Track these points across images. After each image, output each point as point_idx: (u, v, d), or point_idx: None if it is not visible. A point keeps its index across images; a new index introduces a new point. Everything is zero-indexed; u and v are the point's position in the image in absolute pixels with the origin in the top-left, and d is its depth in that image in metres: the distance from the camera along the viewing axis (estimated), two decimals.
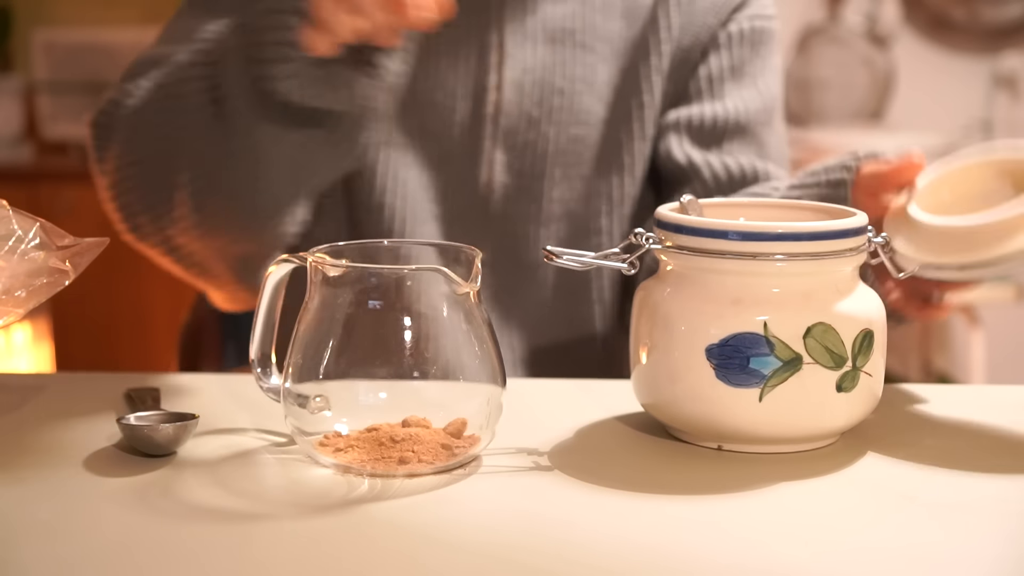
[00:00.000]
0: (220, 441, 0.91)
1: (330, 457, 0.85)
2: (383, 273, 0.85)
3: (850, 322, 0.88)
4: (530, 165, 1.24)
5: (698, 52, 1.27)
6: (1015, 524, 0.80)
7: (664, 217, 0.91)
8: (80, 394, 1.02)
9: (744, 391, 0.86)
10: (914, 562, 0.74)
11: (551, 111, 1.24)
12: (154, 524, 0.78)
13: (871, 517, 0.80)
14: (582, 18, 1.26)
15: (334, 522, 0.78)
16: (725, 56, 1.27)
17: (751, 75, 1.28)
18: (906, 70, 3.01)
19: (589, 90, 1.25)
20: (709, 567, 0.73)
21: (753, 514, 0.81)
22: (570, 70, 1.25)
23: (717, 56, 1.27)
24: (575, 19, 1.26)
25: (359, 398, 0.86)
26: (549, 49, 1.25)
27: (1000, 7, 3.04)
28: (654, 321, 0.90)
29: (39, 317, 2.66)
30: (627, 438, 0.94)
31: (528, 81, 1.23)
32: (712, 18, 1.28)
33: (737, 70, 1.28)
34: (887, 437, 0.94)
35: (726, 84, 1.27)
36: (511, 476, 0.85)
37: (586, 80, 1.25)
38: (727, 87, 1.27)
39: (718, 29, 1.28)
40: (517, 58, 1.24)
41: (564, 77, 1.25)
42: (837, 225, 0.89)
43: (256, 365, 0.90)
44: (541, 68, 1.24)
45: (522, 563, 0.73)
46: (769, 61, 1.31)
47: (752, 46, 1.29)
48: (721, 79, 1.27)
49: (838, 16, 2.99)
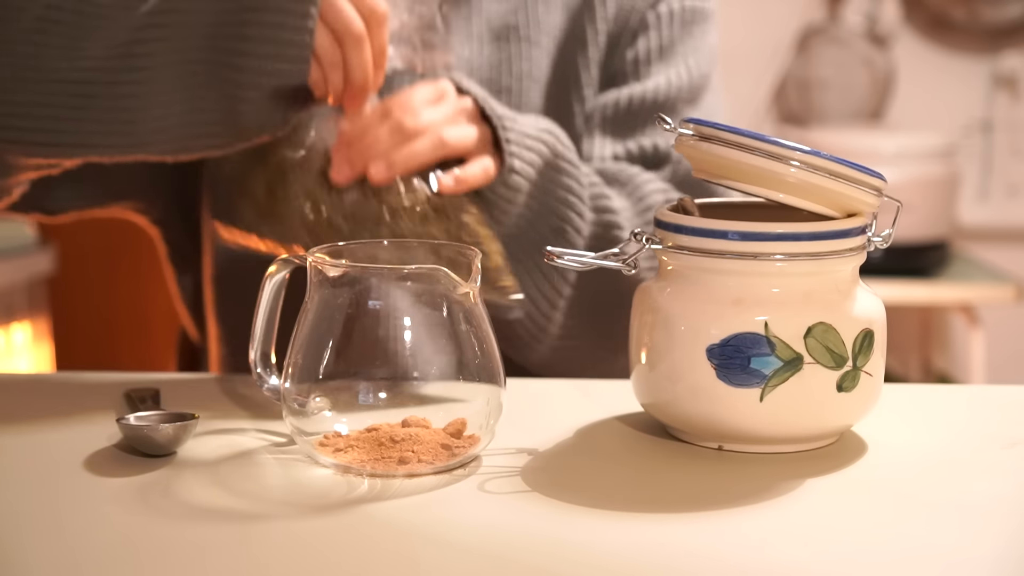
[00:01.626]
0: (220, 441, 0.91)
1: (330, 457, 0.85)
2: (383, 273, 0.85)
3: (850, 322, 0.88)
4: None
5: (629, 36, 1.26)
6: (1015, 524, 0.80)
7: (664, 217, 0.91)
8: (80, 394, 1.02)
9: (745, 391, 0.86)
10: (914, 562, 0.74)
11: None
12: (154, 524, 0.78)
13: (871, 517, 0.80)
14: (524, 12, 1.25)
15: (334, 522, 0.78)
16: (653, 37, 1.25)
17: (681, 54, 1.26)
18: (906, 70, 3.01)
19: (535, 86, 1.24)
20: (709, 567, 0.73)
21: (753, 514, 0.80)
22: (516, 67, 1.23)
23: (645, 37, 1.26)
24: (518, 14, 1.25)
25: (359, 398, 0.86)
26: (494, 47, 1.24)
27: (1000, 7, 3.04)
28: (654, 321, 0.90)
29: (39, 317, 2.66)
30: (627, 438, 0.94)
31: (475, 81, 1.21)
32: (641, 1, 1.26)
33: (666, 50, 1.26)
34: (887, 437, 0.94)
35: (652, 65, 1.25)
36: (511, 476, 0.85)
37: (531, 76, 1.24)
38: (653, 68, 1.25)
39: (647, 10, 1.26)
40: (463, 59, 1.23)
41: (511, 75, 1.23)
42: (837, 225, 0.89)
43: (256, 365, 0.90)
44: (488, 67, 1.23)
45: (522, 563, 0.73)
46: (703, 40, 1.28)
47: (683, 25, 1.26)
48: (648, 60, 1.25)
49: (838, 16, 2.99)
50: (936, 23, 3.06)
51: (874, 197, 0.90)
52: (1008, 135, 3.08)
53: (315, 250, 0.88)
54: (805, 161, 0.87)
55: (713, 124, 0.90)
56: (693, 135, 0.90)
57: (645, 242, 0.90)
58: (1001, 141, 3.08)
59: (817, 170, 0.87)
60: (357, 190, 1.04)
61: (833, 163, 0.88)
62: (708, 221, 0.89)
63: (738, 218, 0.88)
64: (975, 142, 3.07)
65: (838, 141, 2.66)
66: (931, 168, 2.65)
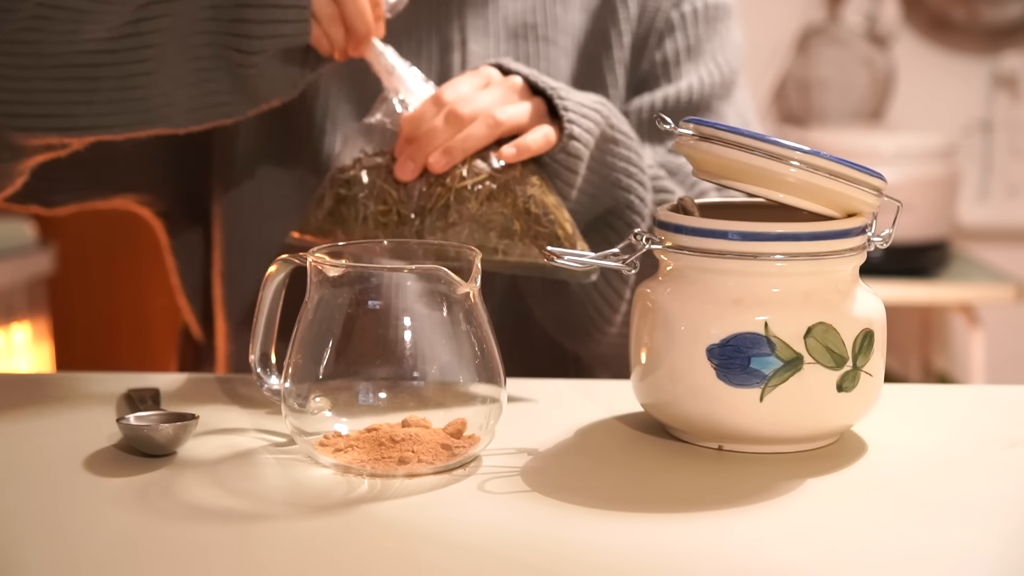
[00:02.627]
0: (220, 441, 0.91)
1: (330, 457, 0.85)
2: (383, 273, 0.85)
3: (850, 322, 0.88)
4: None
5: (655, 38, 1.26)
6: (1015, 524, 0.80)
7: (664, 217, 0.91)
8: (80, 394, 1.02)
9: (745, 391, 0.86)
10: (914, 562, 0.74)
11: None
12: (154, 524, 0.78)
13: (871, 517, 0.80)
14: (543, 11, 1.25)
15: (334, 522, 0.78)
16: (680, 37, 1.26)
17: (709, 52, 1.27)
18: (906, 70, 3.01)
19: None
20: (709, 567, 0.73)
21: (753, 514, 0.80)
22: (533, 65, 1.23)
23: (672, 39, 1.26)
24: (536, 12, 1.25)
25: (359, 398, 0.86)
26: (511, 44, 1.24)
27: (1000, 7, 3.04)
28: (654, 321, 0.90)
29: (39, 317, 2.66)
30: (627, 438, 0.94)
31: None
32: (665, 1, 1.27)
33: (694, 49, 1.26)
34: (887, 437, 0.94)
35: (682, 66, 1.26)
36: (511, 476, 0.85)
37: (549, 74, 1.23)
38: (683, 68, 1.26)
39: (671, 11, 1.26)
40: (479, 56, 1.23)
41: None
42: (837, 225, 0.89)
43: (256, 365, 0.90)
44: None
45: (522, 563, 0.73)
46: (728, 36, 1.29)
47: (707, 22, 1.27)
48: (677, 61, 1.26)
49: (838, 16, 2.99)
50: (936, 23, 3.06)
51: (874, 197, 0.90)
52: (1008, 135, 3.08)
53: (315, 250, 0.88)
54: (805, 161, 0.87)
55: (713, 124, 0.90)
56: (693, 135, 0.90)
57: (645, 242, 0.90)
58: (1001, 141, 3.08)
59: (817, 170, 0.88)
60: (422, 181, 1.06)
61: (833, 163, 0.88)
62: (708, 221, 0.89)
63: (738, 218, 0.88)
64: (975, 142, 3.07)
65: (838, 141, 2.66)
66: (931, 168, 2.65)
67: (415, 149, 1.06)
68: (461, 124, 1.06)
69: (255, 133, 1.22)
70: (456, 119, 1.05)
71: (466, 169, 1.05)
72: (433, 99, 1.07)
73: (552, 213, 1.05)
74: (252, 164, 1.22)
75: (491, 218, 1.04)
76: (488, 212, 1.04)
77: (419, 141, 1.06)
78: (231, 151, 1.22)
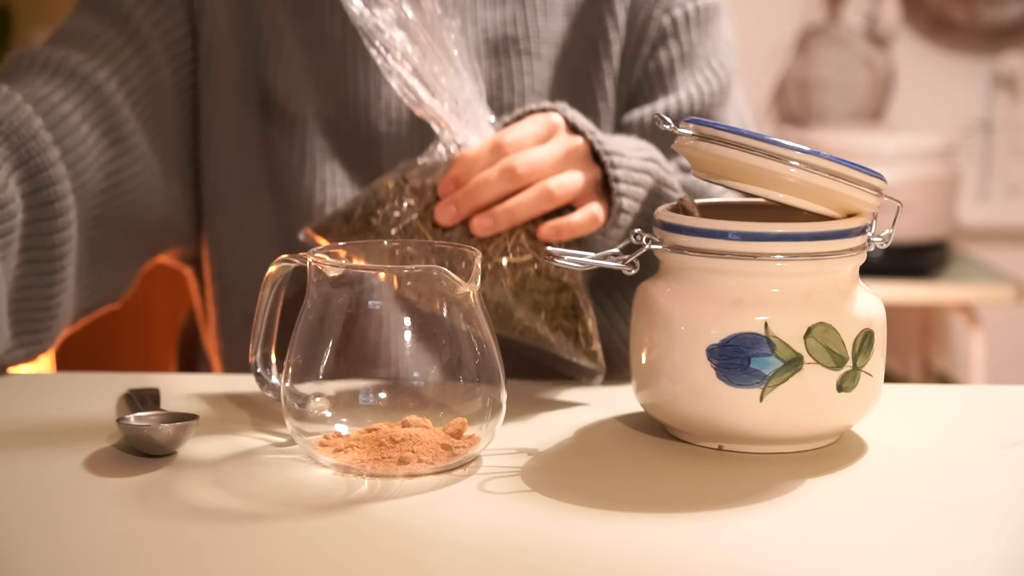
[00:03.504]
0: (220, 441, 0.91)
1: (330, 457, 0.85)
2: (383, 273, 0.85)
3: (850, 322, 0.88)
4: None
5: (647, 47, 1.21)
6: (1015, 524, 0.80)
7: (664, 217, 0.91)
8: (80, 394, 1.02)
9: (745, 391, 0.86)
10: (914, 562, 0.74)
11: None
12: (154, 524, 0.78)
13: (871, 517, 0.80)
14: (524, 22, 1.20)
15: (334, 522, 0.78)
16: (673, 45, 1.21)
17: (703, 57, 1.22)
18: (906, 70, 3.01)
19: (538, 99, 1.19)
20: (709, 567, 0.73)
21: (753, 514, 0.81)
22: (517, 83, 1.19)
23: (665, 47, 1.21)
24: (517, 24, 1.20)
25: (359, 398, 0.86)
26: (493, 62, 1.20)
27: (1000, 7, 3.04)
28: (654, 321, 0.90)
29: None
30: (627, 438, 0.94)
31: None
32: (655, 7, 1.21)
33: (688, 56, 1.21)
34: (887, 437, 0.94)
35: (678, 75, 1.21)
36: (511, 476, 0.85)
37: (534, 90, 1.20)
38: (679, 77, 1.21)
39: (662, 16, 1.21)
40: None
41: (512, 91, 1.19)
42: (837, 225, 0.89)
43: (256, 365, 0.91)
44: (487, 84, 1.18)
45: (522, 563, 0.73)
46: (720, 37, 1.24)
47: (699, 25, 1.22)
48: (672, 71, 1.21)
49: (838, 16, 2.99)
50: (936, 23, 3.06)
51: (874, 197, 0.90)
52: (1008, 135, 3.08)
53: (315, 250, 0.88)
54: (805, 161, 0.87)
55: (713, 124, 0.90)
56: (693, 135, 0.90)
57: (645, 242, 0.90)
58: (1001, 141, 3.08)
59: (817, 170, 0.88)
60: (460, 230, 1.02)
61: (833, 163, 0.88)
62: (708, 221, 0.89)
63: (738, 218, 0.88)
64: (975, 142, 3.07)
65: (838, 141, 2.66)
66: (931, 168, 2.65)
67: (462, 196, 1.01)
68: (515, 182, 1.00)
69: (239, 172, 1.20)
70: (511, 176, 1.00)
71: (510, 241, 1.02)
72: (493, 144, 1.02)
73: (581, 311, 1.04)
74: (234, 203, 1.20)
75: (521, 299, 1.02)
76: (520, 292, 1.02)
77: (469, 190, 1.01)
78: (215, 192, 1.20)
